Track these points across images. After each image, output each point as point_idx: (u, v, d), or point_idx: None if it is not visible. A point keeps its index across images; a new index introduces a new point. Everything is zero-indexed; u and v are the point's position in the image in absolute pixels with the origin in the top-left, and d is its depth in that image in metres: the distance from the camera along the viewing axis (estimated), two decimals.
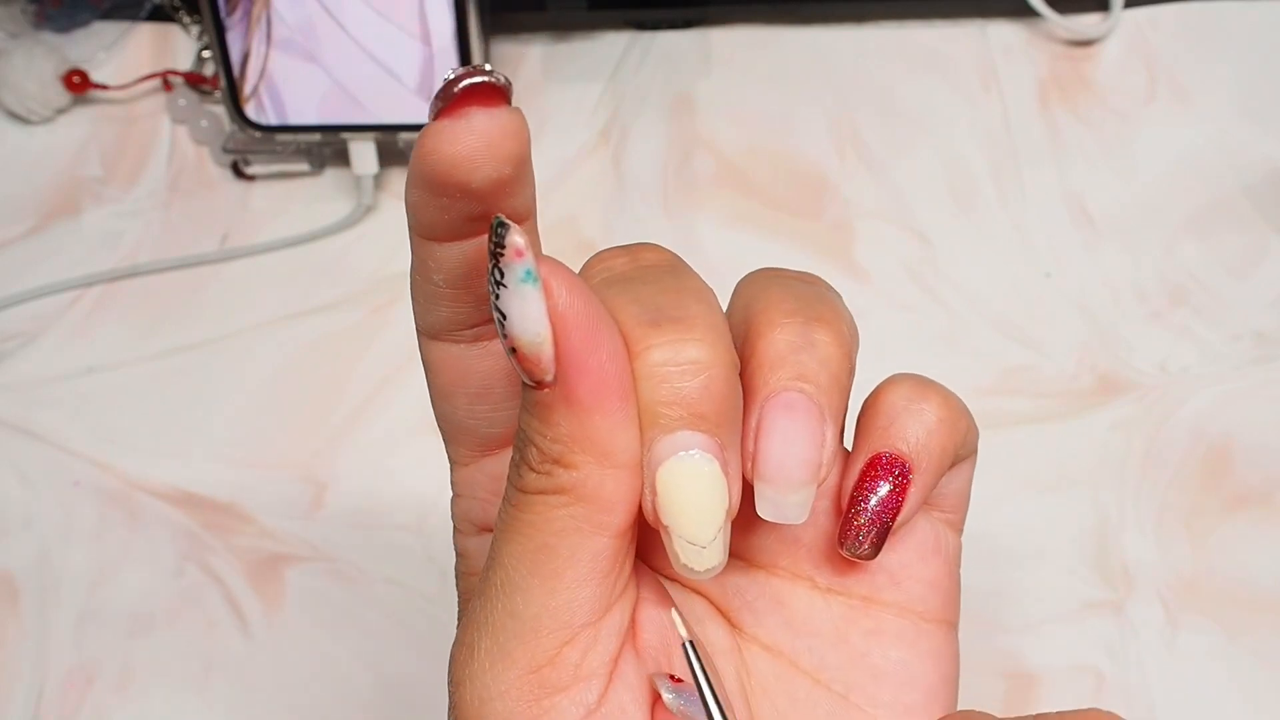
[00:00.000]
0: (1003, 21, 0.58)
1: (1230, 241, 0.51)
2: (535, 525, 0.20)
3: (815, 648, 0.24)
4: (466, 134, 0.19)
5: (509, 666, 0.20)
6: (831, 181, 0.53)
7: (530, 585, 0.20)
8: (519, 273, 0.18)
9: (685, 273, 0.21)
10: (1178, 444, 0.46)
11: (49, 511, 0.46)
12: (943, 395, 0.23)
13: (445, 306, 0.22)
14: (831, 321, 0.22)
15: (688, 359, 0.19)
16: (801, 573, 0.24)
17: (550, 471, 0.19)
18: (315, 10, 0.50)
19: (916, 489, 0.22)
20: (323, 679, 0.42)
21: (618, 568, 0.20)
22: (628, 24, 0.58)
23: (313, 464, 0.47)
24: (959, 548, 0.25)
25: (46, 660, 0.43)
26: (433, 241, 0.21)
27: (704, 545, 0.20)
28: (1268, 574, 0.43)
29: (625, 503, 0.20)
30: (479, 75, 0.18)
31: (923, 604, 0.24)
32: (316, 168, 0.55)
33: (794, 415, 0.21)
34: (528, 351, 0.18)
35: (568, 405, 0.19)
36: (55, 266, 0.52)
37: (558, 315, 0.18)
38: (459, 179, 0.19)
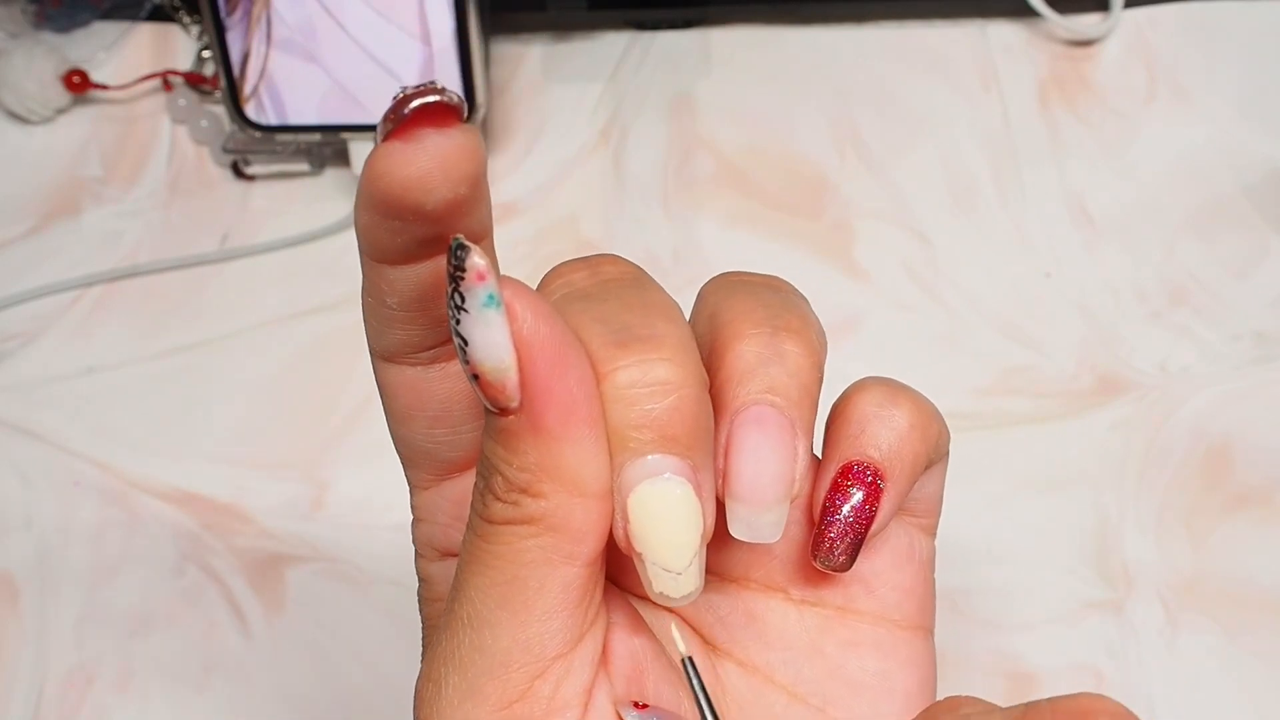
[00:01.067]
0: (1003, 21, 0.58)
1: (1230, 241, 0.51)
2: (503, 557, 0.19)
3: (790, 661, 0.23)
4: (420, 155, 0.18)
5: (479, 703, 0.19)
6: (831, 181, 0.53)
7: (499, 619, 0.19)
8: (481, 297, 0.17)
9: (649, 286, 0.21)
10: (1178, 444, 0.46)
11: (49, 511, 0.46)
12: (913, 400, 0.22)
13: (400, 330, 0.21)
14: (800, 330, 0.21)
15: (656, 379, 0.19)
16: (774, 585, 0.23)
17: (518, 501, 0.19)
18: (315, 10, 0.50)
19: (890, 497, 0.22)
20: (323, 679, 0.42)
21: (589, 597, 0.20)
22: (628, 24, 0.58)
23: (313, 464, 0.47)
24: (933, 552, 0.24)
25: (46, 660, 0.43)
26: (385, 265, 0.20)
27: (679, 572, 0.19)
28: (1268, 574, 0.43)
29: (596, 532, 0.19)
30: (431, 95, 0.18)
31: (898, 611, 0.23)
32: (316, 168, 0.55)
33: (765, 429, 0.20)
34: (492, 379, 0.18)
35: (535, 434, 0.18)
36: (55, 266, 0.52)
37: (523, 341, 0.18)
38: (412, 202, 0.18)
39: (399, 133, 0.18)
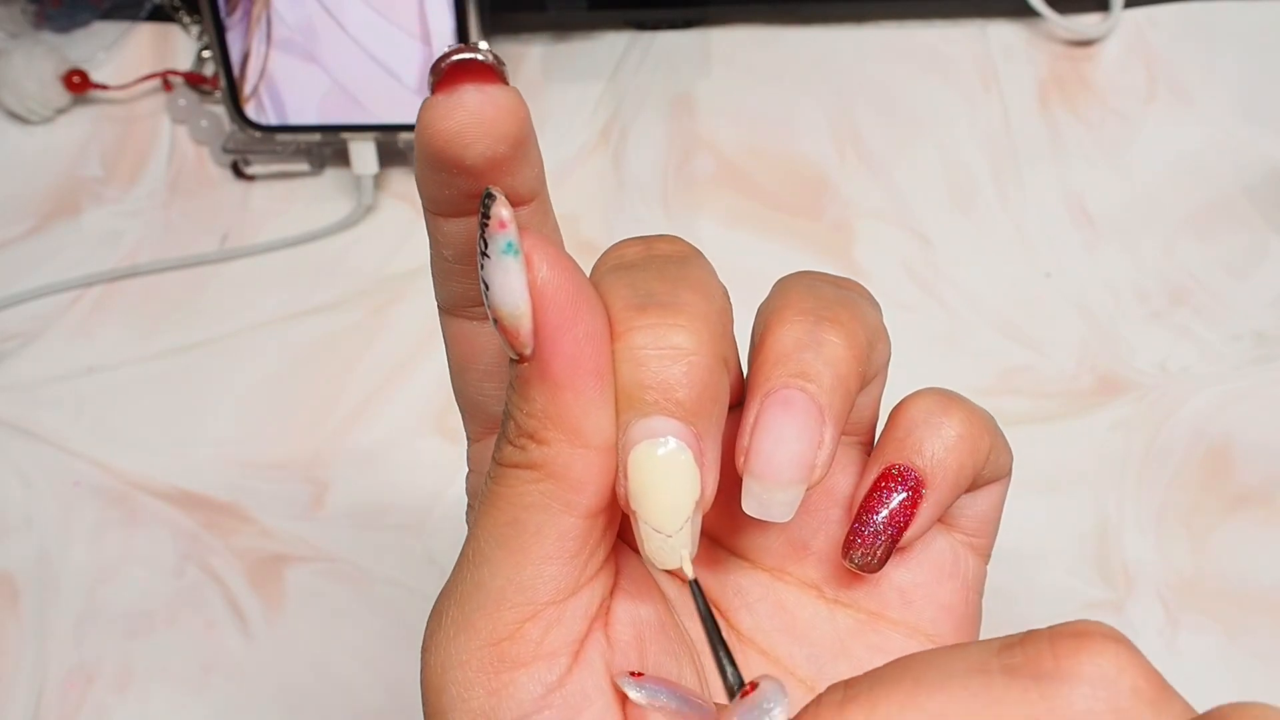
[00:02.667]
0: (1003, 21, 0.58)
1: (1230, 241, 0.51)
2: (506, 498, 0.20)
3: (815, 657, 0.23)
4: (458, 109, 0.19)
5: (471, 636, 0.20)
6: (831, 181, 0.53)
7: (497, 557, 0.20)
8: (501, 244, 0.18)
9: (694, 264, 0.21)
10: (1178, 444, 0.46)
11: (49, 511, 0.46)
12: (967, 412, 0.23)
13: (456, 282, 0.22)
14: (847, 324, 0.21)
15: (670, 344, 0.19)
16: (809, 580, 0.24)
17: (524, 446, 0.19)
18: (315, 10, 0.50)
19: (928, 504, 0.22)
20: (323, 679, 0.42)
21: (586, 551, 0.20)
22: (628, 24, 0.58)
23: (313, 464, 0.47)
24: (981, 575, 0.24)
25: (46, 660, 0.43)
26: (440, 217, 0.21)
27: (669, 534, 0.19)
28: (1268, 574, 0.43)
29: (594, 484, 0.19)
30: (467, 52, 0.18)
31: (933, 626, 0.23)
32: (316, 168, 0.55)
33: (790, 412, 0.20)
34: (507, 323, 0.18)
35: (541, 380, 0.19)
36: (55, 266, 0.52)
37: (536, 289, 0.18)
38: (453, 154, 0.19)
39: (440, 86, 0.19)
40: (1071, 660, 0.16)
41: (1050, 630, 0.17)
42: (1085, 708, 0.16)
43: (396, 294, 0.51)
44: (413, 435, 0.47)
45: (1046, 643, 0.17)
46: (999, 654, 0.17)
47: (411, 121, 0.51)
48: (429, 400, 0.48)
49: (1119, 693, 0.16)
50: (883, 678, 0.17)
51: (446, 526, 0.45)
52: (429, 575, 0.44)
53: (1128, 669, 0.16)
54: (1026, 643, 0.17)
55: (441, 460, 0.47)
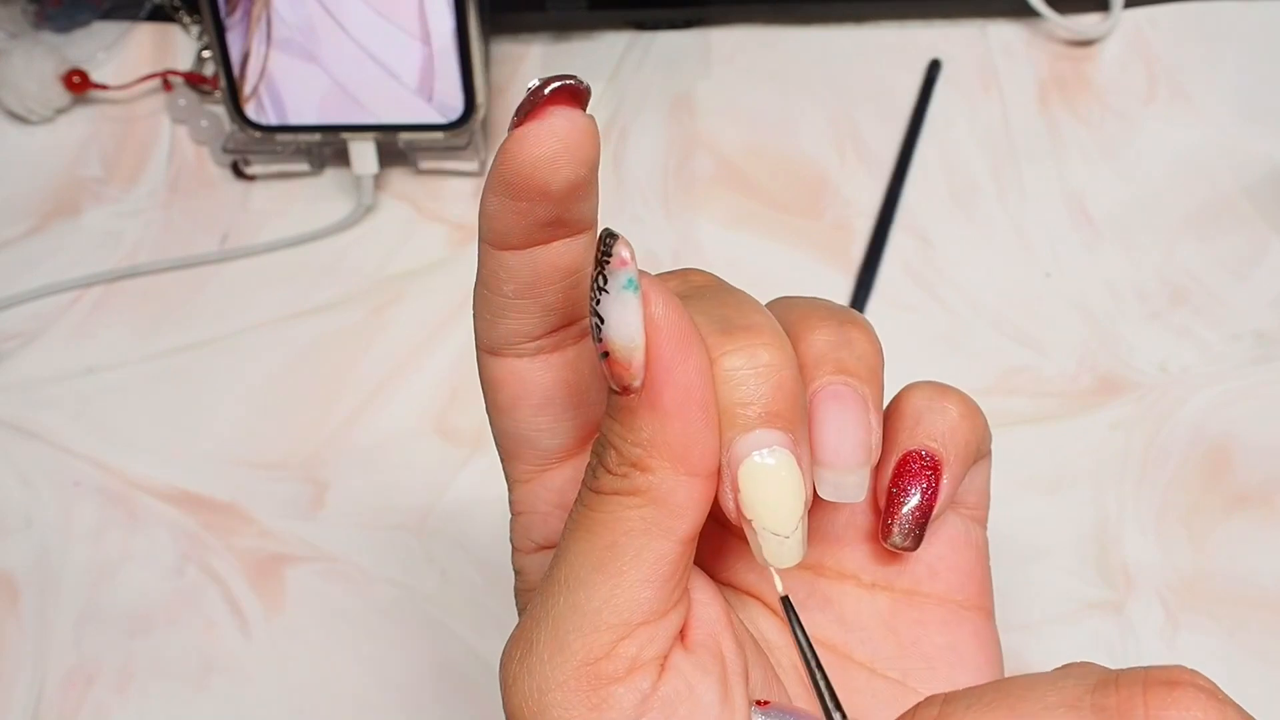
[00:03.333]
0: (1003, 21, 0.58)
1: (1230, 241, 0.51)
2: (606, 524, 0.21)
3: (867, 640, 0.25)
4: (549, 137, 0.20)
5: (567, 658, 0.20)
6: (831, 181, 0.53)
7: (595, 580, 0.21)
8: (622, 280, 0.19)
9: (736, 289, 0.23)
10: (1178, 444, 0.46)
11: (49, 511, 0.46)
12: (960, 395, 0.25)
13: (513, 319, 0.23)
14: (861, 324, 0.24)
15: (761, 363, 0.21)
16: (846, 572, 0.26)
17: (627, 474, 0.20)
18: (315, 10, 0.50)
19: (949, 480, 0.24)
20: (323, 679, 0.42)
21: (677, 575, 0.21)
22: (628, 24, 0.59)
23: (313, 464, 0.47)
24: (986, 541, 0.27)
25: (46, 660, 0.43)
26: (505, 251, 0.22)
27: (787, 535, 0.21)
28: (1268, 574, 0.43)
29: (694, 510, 0.21)
30: (563, 80, 0.20)
31: (960, 592, 0.25)
32: (316, 168, 0.55)
33: (844, 404, 0.22)
34: (620, 356, 0.19)
35: (651, 411, 0.20)
36: (55, 266, 0.52)
37: (653, 324, 0.19)
38: (540, 181, 0.20)
39: (533, 115, 0.20)
40: (1162, 711, 0.17)
41: (1145, 674, 0.18)
42: None
43: (396, 294, 0.51)
44: (413, 435, 0.47)
45: (1140, 688, 0.18)
46: (1093, 692, 0.18)
47: (412, 121, 0.51)
48: (429, 400, 0.48)
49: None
50: (980, 698, 0.18)
51: (446, 526, 0.45)
52: (429, 575, 0.44)
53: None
54: (1121, 684, 0.18)
55: (441, 460, 0.47)
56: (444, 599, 0.44)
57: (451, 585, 0.44)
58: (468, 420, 0.47)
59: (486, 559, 0.45)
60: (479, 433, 0.47)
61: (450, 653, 0.43)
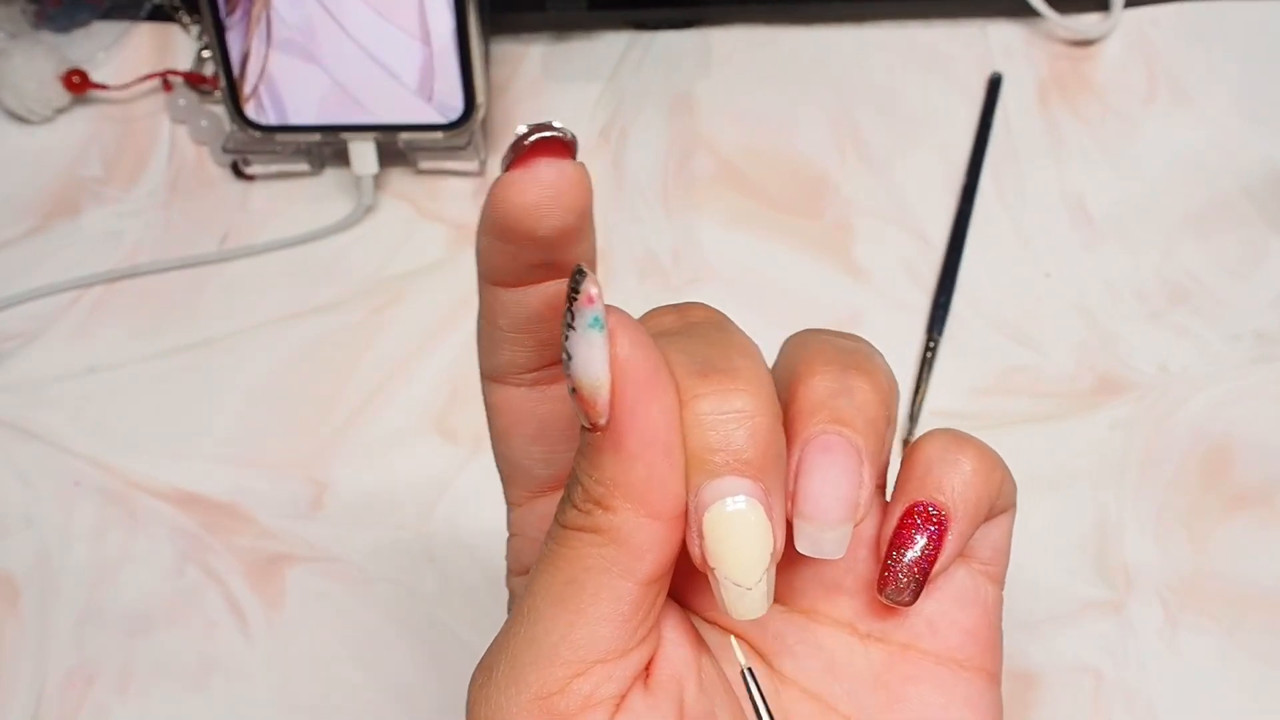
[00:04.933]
0: (1003, 21, 0.58)
1: (1230, 241, 0.51)
2: (568, 559, 0.21)
3: (854, 692, 0.24)
4: (534, 185, 0.20)
5: (521, 690, 0.20)
6: (831, 181, 0.53)
7: (554, 615, 0.21)
8: (588, 318, 0.19)
9: (731, 329, 0.22)
10: (1177, 444, 0.46)
11: (49, 511, 0.46)
12: (978, 448, 0.24)
13: (507, 350, 0.23)
14: (869, 372, 0.23)
15: (734, 408, 0.20)
16: (842, 619, 0.25)
17: (590, 511, 0.20)
18: (315, 10, 0.50)
19: (954, 537, 0.23)
20: (323, 679, 0.42)
21: (639, 616, 0.21)
22: (628, 24, 0.59)
23: (313, 464, 0.47)
24: (999, 600, 0.25)
25: (46, 660, 0.43)
26: (499, 287, 0.22)
27: (749, 587, 0.20)
28: (1268, 574, 0.43)
29: (655, 553, 0.20)
30: (547, 131, 0.20)
31: (961, 652, 0.24)
32: (316, 168, 0.55)
33: (832, 456, 0.21)
34: (586, 394, 0.19)
35: (615, 450, 0.20)
36: (55, 266, 0.52)
37: (618, 363, 0.19)
38: (527, 227, 0.20)
39: (518, 163, 0.20)
40: None
41: None
42: None
43: (396, 294, 0.51)
44: (413, 435, 0.47)
45: None
46: None
47: (412, 121, 0.51)
48: (429, 400, 0.48)
49: None
50: None
51: (446, 526, 0.45)
52: (429, 575, 0.44)
53: None
54: None
55: (441, 460, 0.47)
56: (444, 599, 0.44)
57: (451, 585, 0.44)
58: (468, 420, 0.47)
59: (486, 559, 0.45)
60: (479, 433, 0.47)
61: (450, 653, 0.43)
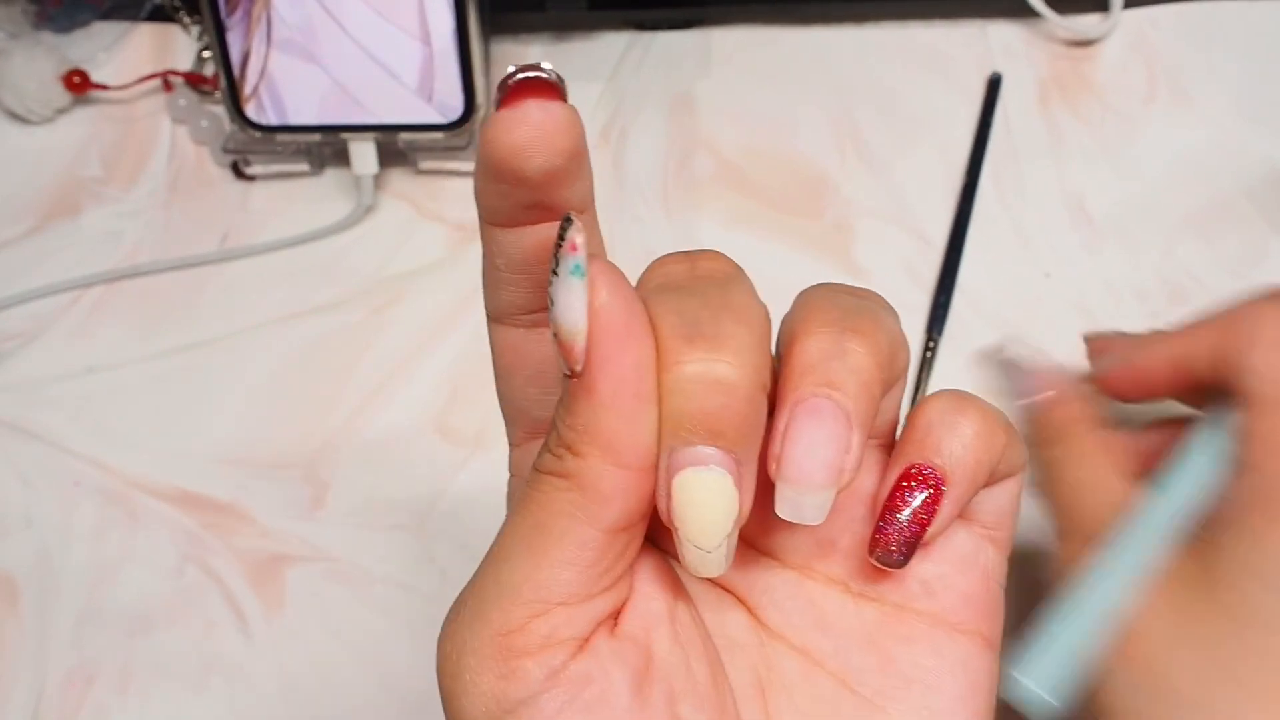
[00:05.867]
0: (1003, 21, 0.58)
1: (1230, 242, 0.51)
2: (536, 502, 0.21)
3: (843, 650, 0.24)
4: (521, 125, 0.20)
5: (483, 627, 0.21)
6: (831, 181, 0.53)
7: (519, 556, 0.21)
8: (570, 264, 0.19)
9: (736, 286, 0.22)
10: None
11: (49, 511, 0.46)
12: (980, 410, 0.23)
13: (506, 291, 0.23)
14: (868, 333, 0.22)
15: (714, 377, 0.20)
16: (835, 577, 0.25)
17: (561, 455, 0.21)
18: (315, 10, 0.50)
19: (949, 502, 0.23)
20: (323, 679, 0.42)
21: (604, 563, 0.21)
22: (628, 24, 0.59)
23: (313, 464, 0.47)
24: (1001, 565, 0.25)
25: (46, 660, 0.43)
26: (495, 227, 0.22)
27: (709, 550, 0.21)
28: None
29: (621, 501, 0.21)
30: (532, 70, 0.20)
31: (956, 615, 0.24)
32: (316, 168, 0.55)
33: (819, 419, 0.21)
34: (565, 339, 0.20)
35: (587, 397, 0.20)
36: (55, 266, 0.52)
37: (594, 311, 0.20)
38: (514, 167, 0.20)
39: (505, 102, 0.20)
40: None
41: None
42: None
43: (396, 294, 0.51)
44: (413, 435, 0.47)
45: None
46: None
47: (412, 121, 0.51)
48: (429, 400, 0.48)
49: None
50: None
51: (446, 526, 0.45)
52: (429, 575, 0.44)
53: None
54: None
55: (441, 460, 0.47)
56: (444, 599, 0.43)
57: (451, 585, 0.44)
58: (468, 420, 0.47)
59: None
60: (479, 433, 0.47)
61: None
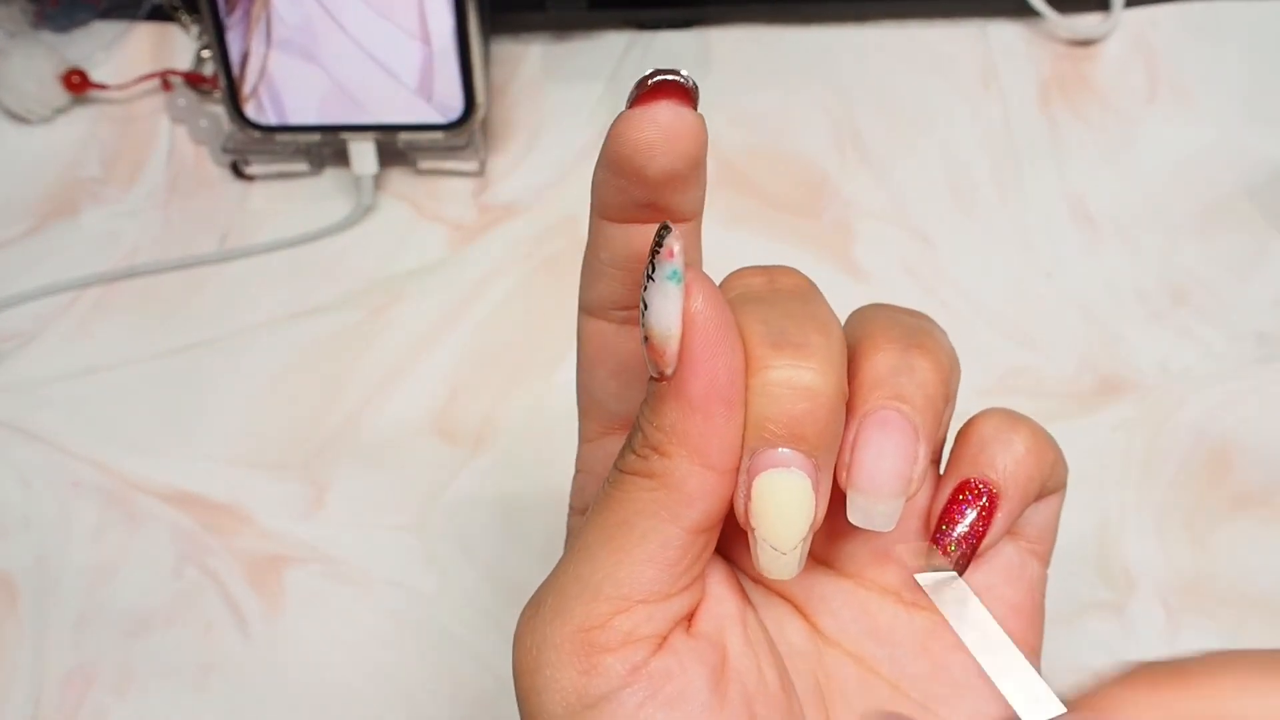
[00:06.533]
0: (1003, 21, 0.58)
1: (1231, 242, 0.51)
2: (621, 501, 0.22)
3: (897, 657, 0.25)
4: (650, 124, 0.21)
5: (565, 622, 0.21)
6: (831, 181, 0.53)
7: (602, 554, 0.21)
8: (667, 270, 0.20)
9: (815, 300, 0.23)
10: (1179, 445, 0.46)
11: (49, 512, 0.46)
12: (1031, 428, 0.25)
13: (604, 284, 0.24)
14: (931, 350, 0.23)
15: (801, 384, 0.21)
16: (889, 586, 0.25)
17: (647, 456, 0.21)
18: (315, 10, 0.50)
19: (1003, 514, 0.24)
20: (322, 679, 0.42)
21: (685, 561, 0.22)
22: (628, 24, 0.58)
23: (313, 464, 0.47)
24: (1043, 578, 0.26)
25: (46, 660, 0.43)
26: (605, 220, 0.23)
27: (785, 552, 0.21)
28: (1268, 575, 0.43)
29: (705, 501, 0.21)
30: (671, 74, 0.21)
31: (1004, 625, 0.25)
32: (316, 168, 0.54)
33: (888, 431, 0.22)
34: (657, 343, 0.20)
35: (677, 399, 0.21)
36: (54, 267, 0.52)
37: (689, 317, 0.20)
38: (637, 164, 0.21)
39: (639, 101, 0.21)
40: None
41: None
42: None
43: (396, 294, 0.51)
44: (413, 435, 0.47)
45: None
46: None
47: (412, 121, 0.51)
48: (429, 400, 0.48)
49: None
50: (1202, 668, 0.18)
51: (447, 526, 0.45)
52: (429, 575, 0.44)
53: None
54: None
55: (441, 460, 0.47)
56: (444, 599, 0.44)
57: (451, 585, 0.44)
58: (468, 420, 0.47)
59: (486, 559, 0.45)
60: (479, 433, 0.47)
61: (450, 653, 0.43)
